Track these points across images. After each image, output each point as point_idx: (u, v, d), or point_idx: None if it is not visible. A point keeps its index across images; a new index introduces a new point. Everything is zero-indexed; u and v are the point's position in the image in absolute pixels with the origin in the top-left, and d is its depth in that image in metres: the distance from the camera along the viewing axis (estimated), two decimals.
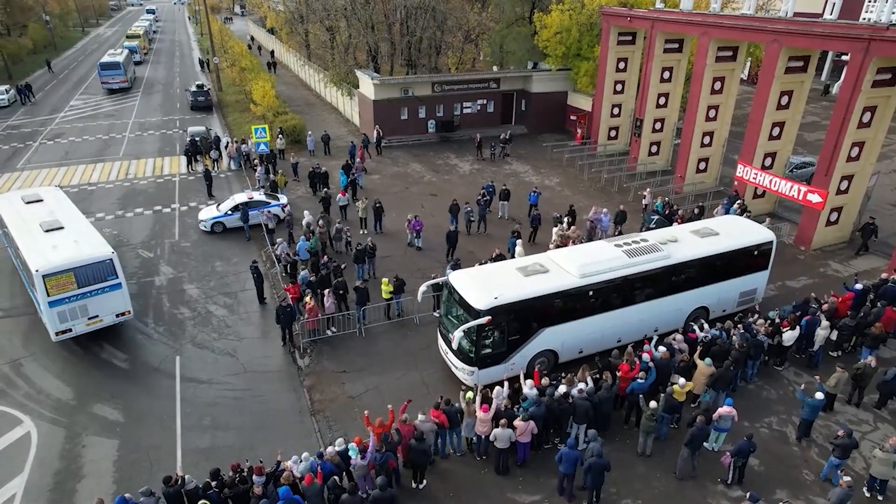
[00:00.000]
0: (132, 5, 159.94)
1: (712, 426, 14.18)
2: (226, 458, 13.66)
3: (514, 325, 16.06)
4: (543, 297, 16.12)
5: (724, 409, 14.06)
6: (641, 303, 17.67)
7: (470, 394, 14.66)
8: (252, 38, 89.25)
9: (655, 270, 17.40)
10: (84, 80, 61.17)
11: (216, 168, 33.40)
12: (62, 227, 19.74)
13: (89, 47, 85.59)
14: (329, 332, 19.01)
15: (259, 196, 26.60)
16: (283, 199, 27.16)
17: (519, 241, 22.51)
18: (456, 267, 20.41)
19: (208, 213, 26.37)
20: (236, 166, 33.62)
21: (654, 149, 33.70)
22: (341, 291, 19.23)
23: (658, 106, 32.51)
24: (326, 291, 18.86)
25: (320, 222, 23.80)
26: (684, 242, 18.30)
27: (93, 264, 17.96)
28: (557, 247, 22.37)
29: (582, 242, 22.79)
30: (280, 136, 35.19)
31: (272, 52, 73.22)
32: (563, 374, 15.55)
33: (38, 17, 79.64)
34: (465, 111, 39.76)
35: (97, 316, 18.35)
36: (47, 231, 19.42)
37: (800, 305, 18.08)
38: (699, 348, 16.22)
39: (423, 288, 17.63)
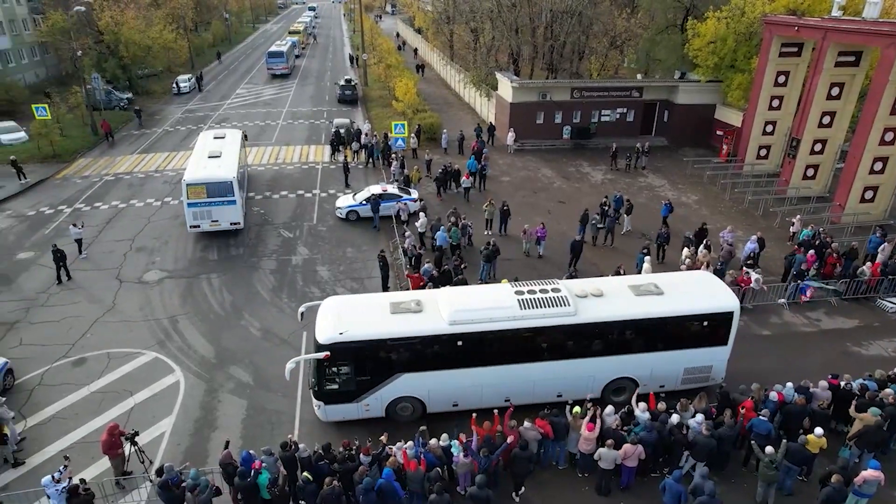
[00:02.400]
0: (296, 3, 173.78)
1: (852, 489, 12.66)
2: (336, 434, 14.51)
3: (364, 365, 14.74)
4: (400, 340, 14.66)
5: (870, 473, 12.41)
6: (536, 362, 15.39)
7: (577, 409, 14.34)
8: (398, 35, 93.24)
9: (554, 328, 14.99)
10: (249, 70, 67.60)
11: (355, 159, 35.41)
12: (219, 156, 26.69)
13: (257, 42, 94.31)
14: None
15: (392, 189, 27.84)
16: (415, 194, 28.15)
17: (648, 258, 21.57)
18: (572, 277, 20.06)
19: (345, 201, 28.06)
20: (375, 157, 35.26)
21: (810, 172, 30.59)
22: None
23: (821, 125, 29.47)
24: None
25: (452, 218, 24.40)
26: (610, 299, 15.60)
27: (219, 183, 24.70)
28: (688, 269, 21.19)
29: (716, 267, 21.43)
30: (414, 135, 36.36)
31: (415, 51, 76.08)
32: (679, 400, 14.72)
33: (220, 14, 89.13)
34: (602, 119, 38.68)
35: (217, 221, 25.12)
36: (209, 157, 26.61)
37: None
38: (854, 401, 14.37)
39: (302, 308, 16.73)
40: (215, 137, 29.74)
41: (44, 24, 50.55)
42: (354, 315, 15.18)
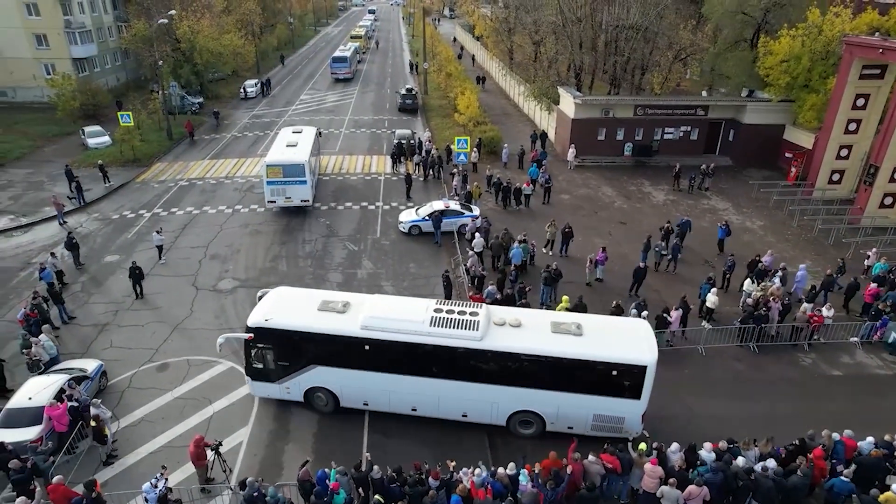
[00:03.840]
0: (356, 5, 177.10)
1: None
2: (407, 456, 15.01)
3: (283, 351, 16.43)
4: (317, 335, 16.03)
5: None
6: (441, 379, 16.01)
7: (643, 445, 14.46)
8: (454, 40, 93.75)
9: (457, 349, 15.54)
10: (312, 75, 69.41)
11: (416, 171, 36.03)
12: (295, 145, 31.29)
13: (318, 45, 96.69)
14: None
15: (455, 206, 28.30)
16: (476, 211, 28.51)
17: (714, 290, 21.32)
18: (641, 307, 20.03)
19: (408, 215, 28.69)
20: (437, 169, 35.76)
21: (888, 201, 29.40)
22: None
23: None
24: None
25: (521, 237, 24.76)
26: (524, 331, 15.81)
27: (292, 165, 29.08)
28: (756, 302, 20.78)
29: (783, 302, 20.91)
30: (475, 149, 36.67)
31: (473, 58, 76.49)
32: (744, 440, 14.62)
33: (285, 18, 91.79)
34: (665, 136, 38.14)
35: (290, 198, 29.63)
36: (287, 146, 31.31)
37: None
38: None
39: (259, 293, 18.60)
40: (294, 131, 34.38)
41: (127, 32, 53.40)
42: (287, 306, 17.06)
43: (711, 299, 21.31)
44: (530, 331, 15.92)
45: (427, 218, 27.69)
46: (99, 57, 53.66)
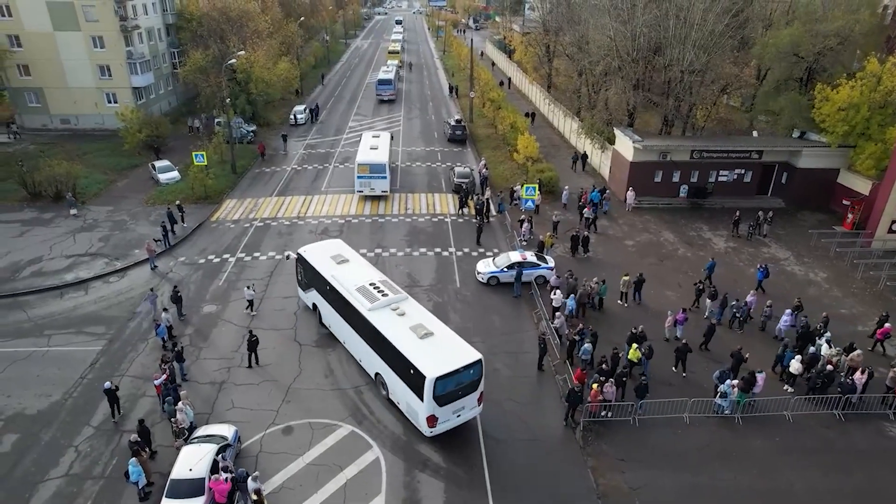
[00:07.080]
0: (379, 14, 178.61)
1: None
2: None
3: (306, 274, 25.76)
4: (316, 271, 24.59)
5: None
6: (354, 330, 22.40)
7: None
8: (482, 54, 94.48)
9: (356, 311, 21.81)
10: (354, 98, 70.70)
11: (482, 213, 37.00)
12: (377, 148, 40.78)
13: (352, 61, 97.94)
14: (603, 415, 20.99)
15: (531, 257, 29.44)
16: (551, 262, 29.64)
17: (798, 357, 22.33)
18: (725, 375, 21.22)
19: (486, 266, 29.82)
20: (500, 211, 36.97)
21: None
22: (624, 379, 21.18)
23: None
24: (610, 381, 20.80)
25: (590, 283, 26.50)
26: (397, 320, 20.70)
27: (377, 164, 38.66)
28: (832, 370, 21.72)
29: (859, 367, 21.80)
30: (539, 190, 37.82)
31: (509, 80, 77.55)
32: None
33: (321, 36, 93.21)
34: (720, 179, 39.13)
35: (374, 189, 39.10)
36: (370, 149, 40.76)
37: None
38: None
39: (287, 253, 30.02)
40: (373, 136, 43.85)
41: (179, 59, 54.86)
42: (323, 249, 25.96)
43: (795, 366, 22.35)
44: (399, 321, 20.70)
45: (507, 269, 28.84)
46: (155, 84, 55.27)
